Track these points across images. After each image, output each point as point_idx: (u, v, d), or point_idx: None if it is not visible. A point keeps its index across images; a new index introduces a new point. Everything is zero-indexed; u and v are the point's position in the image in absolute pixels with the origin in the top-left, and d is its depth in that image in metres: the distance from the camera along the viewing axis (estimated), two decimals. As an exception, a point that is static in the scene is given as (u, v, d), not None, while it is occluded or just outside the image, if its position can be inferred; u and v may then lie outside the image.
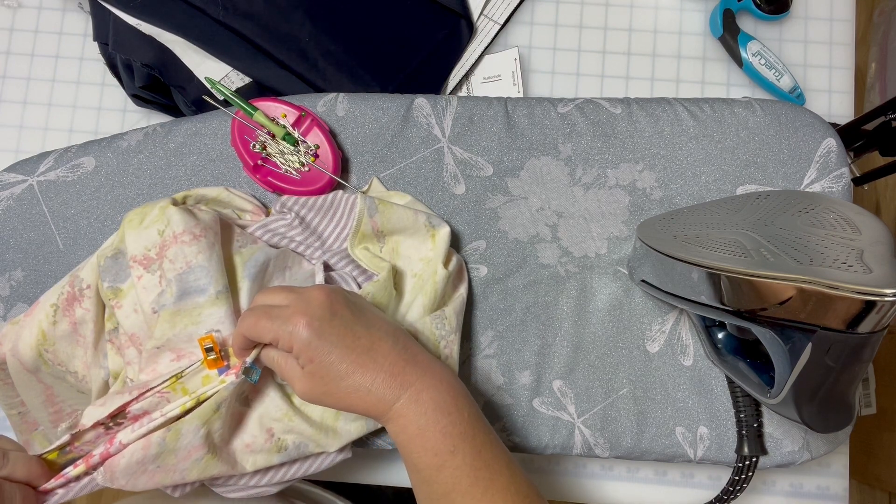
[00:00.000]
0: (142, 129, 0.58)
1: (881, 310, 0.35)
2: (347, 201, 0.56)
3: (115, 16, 0.61)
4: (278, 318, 0.40)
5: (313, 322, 0.40)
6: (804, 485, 0.59)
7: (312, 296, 0.41)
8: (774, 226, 0.44)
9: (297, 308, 0.40)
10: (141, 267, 0.47)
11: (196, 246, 0.47)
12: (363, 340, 0.41)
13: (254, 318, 0.41)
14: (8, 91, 0.67)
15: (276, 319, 0.40)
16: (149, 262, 0.47)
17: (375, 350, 0.41)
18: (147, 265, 0.47)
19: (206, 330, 0.46)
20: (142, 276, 0.47)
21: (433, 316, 0.51)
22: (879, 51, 1.19)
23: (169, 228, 0.47)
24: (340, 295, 0.42)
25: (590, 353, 0.55)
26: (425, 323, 0.50)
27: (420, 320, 0.50)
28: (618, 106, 0.57)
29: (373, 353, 0.41)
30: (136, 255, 0.47)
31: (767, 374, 0.46)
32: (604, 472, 0.60)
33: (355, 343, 0.40)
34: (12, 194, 0.57)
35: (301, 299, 0.41)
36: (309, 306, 0.40)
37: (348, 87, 0.61)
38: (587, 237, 0.56)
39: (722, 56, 0.66)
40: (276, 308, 0.41)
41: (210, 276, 0.47)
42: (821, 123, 0.56)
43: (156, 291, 0.47)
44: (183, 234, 0.47)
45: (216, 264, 0.47)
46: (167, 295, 0.46)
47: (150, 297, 0.47)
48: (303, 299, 0.41)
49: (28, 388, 0.51)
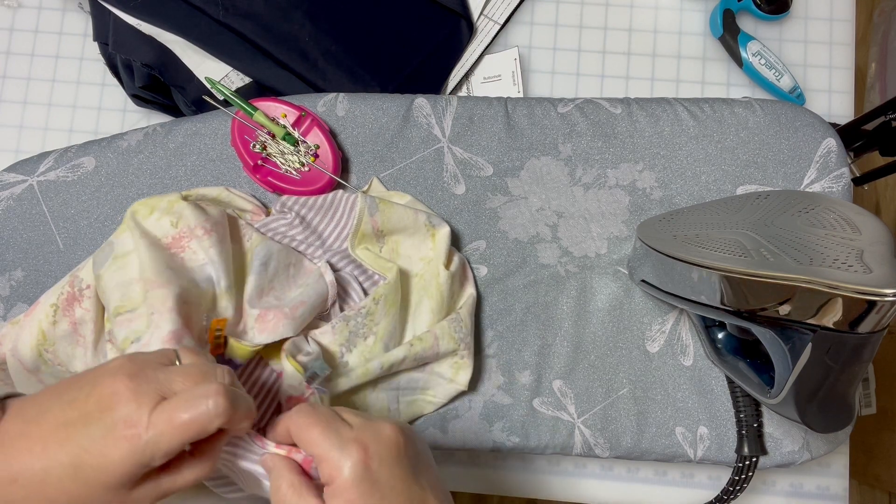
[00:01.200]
0: (142, 129, 0.58)
1: (881, 310, 0.35)
2: (347, 201, 0.56)
3: (115, 16, 0.61)
4: (335, 435, 0.33)
5: (372, 461, 0.33)
6: (804, 485, 0.59)
7: (383, 430, 0.34)
8: (774, 226, 0.44)
9: (362, 436, 0.33)
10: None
11: (209, 240, 0.47)
12: (416, 500, 0.34)
13: (307, 421, 0.34)
14: (8, 91, 0.67)
15: (332, 437, 0.33)
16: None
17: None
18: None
19: (218, 314, 0.47)
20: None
21: (450, 320, 0.51)
22: (879, 51, 1.19)
23: (182, 221, 0.48)
24: (412, 438, 0.35)
25: (590, 353, 0.55)
26: (444, 327, 0.51)
27: (438, 325, 0.51)
28: (618, 106, 0.57)
29: None
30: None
31: (767, 374, 0.46)
32: (604, 472, 0.60)
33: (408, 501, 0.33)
34: (12, 194, 0.57)
35: (369, 428, 0.34)
36: (375, 440, 0.33)
37: (348, 87, 0.61)
38: (587, 237, 0.56)
39: (722, 56, 0.66)
40: (337, 423, 0.34)
41: (221, 271, 0.47)
42: (821, 123, 0.56)
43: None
44: (196, 229, 0.47)
45: (226, 260, 0.48)
46: (186, 281, 0.46)
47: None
48: (372, 429, 0.34)
49: (28, 388, 0.51)
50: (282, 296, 0.50)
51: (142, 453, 0.30)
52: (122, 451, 0.30)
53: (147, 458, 0.30)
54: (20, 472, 0.30)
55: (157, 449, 0.30)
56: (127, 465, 0.30)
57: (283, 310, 0.47)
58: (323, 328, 0.49)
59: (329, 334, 0.49)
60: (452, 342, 0.51)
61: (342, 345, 0.49)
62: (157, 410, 0.31)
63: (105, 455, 0.30)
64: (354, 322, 0.49)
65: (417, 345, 0.49)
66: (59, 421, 0.31)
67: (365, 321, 0.50)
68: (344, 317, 0.49)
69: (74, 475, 0.30)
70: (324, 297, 0.49)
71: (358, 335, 0.50)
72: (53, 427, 0.31)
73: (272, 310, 0.48)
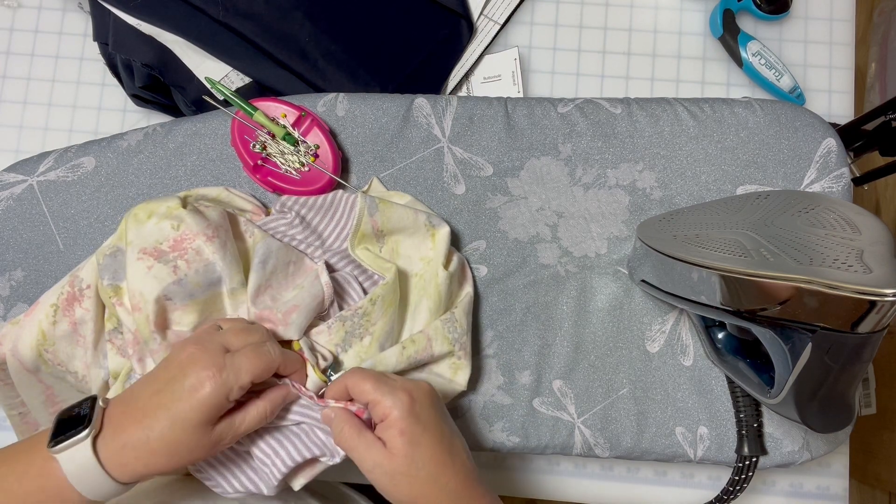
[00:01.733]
0: (142, 129, 0.58)
1: (881, 310, 0.35)
2: (347, 201, 0.56)
3: (115, 16, 0.60)
4: (386, 384, 0.41)
5: (415, 404, 0.41)
6: (804, 485, 0.59)
7: (419, 384, 0.43)
8: (774, 226, 0.44)
9: (406, 386, 0.42)
10: (151, 258, 0.47)
11: (211, 246, 0.48)
12: (447, 441, 0.41)
13: (362, 376, 0.42)
14: (8, 91, 0.67)
15: (384, 386, 0.41)
16: (160, 254, 0.47)
17: (455, 455, 0.41)
18: (158, 256, 0.47)
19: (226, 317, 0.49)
20: (153, 266, 0.47)
21: (443, 320, 0.51)
22: (879, 51, 1.19)
23: (184, 226, 0.48)
24: (437, 396, 0.44)
25: (590, 353, 0.55)
26: (437, 328, 0.50)
27: (431, 325, 0.50)
28: (618, 106, 0.57)
29: (454, 456, 0.41)
30: (147, 248, 0.47)
31: (767, 374, 0.46)
32: (604, 472, 0.60)
33: (442, 440, 0.41)
34: (12, 194, 0.57)
35: (410, 381, 0.43)
36: (416, 390, 0.42)
37: (348, 87, 0.61)
38: (587, 237, 0.56)
39: (722, 56, 0.66)
40: (385, 376, 0.43)
41: (227, 273, 0.48)
42: (821, 123, 0.56)
43: (169, 279, 0.47)
44: (198, 235, 0.47)
45: (231, 261, 0.48)
46: (191, 285, 0.47)
47: (162, 286, 0.47)
48: (412, 382, 0.43)
49: (28, 388, 0.51)
50: (277, 296, 0.50)
51: (223, 386, 0.39)
52: (207, 389, 0.39)
53: (227, 390, 0.39)
54: (127, 439, 0.39)
55: (235, 382, 0.40)
56: (213, 398, 0.39)
57: (276, 315, 0.48)
58: (319, 327, 0.49)
59: (325, 334, 0.49)
60: (447, 343, 0.50)
61: (338, 344, 0.49)
62: (228, 356, 0.41)
63: (194, 397, 0.39)
64: (351, 322, 0.49)
65: (410, 347, 0.49)
66: (151, 391, 0.40)
67: (361, 321, 0.50)
68: (340, 317, 0.49)
69: (171, 425, 0.39)
70: (319, 299, 0.49)
71: (354, 335, 0.49)
72: (148, 397, 0.40)
73: (266, 311, 0.48)
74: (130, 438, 0.39)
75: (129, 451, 0.39)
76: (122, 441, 0.39)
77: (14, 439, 0.57)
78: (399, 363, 0.49)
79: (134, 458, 0.39)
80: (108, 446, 0.38)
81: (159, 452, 0.39)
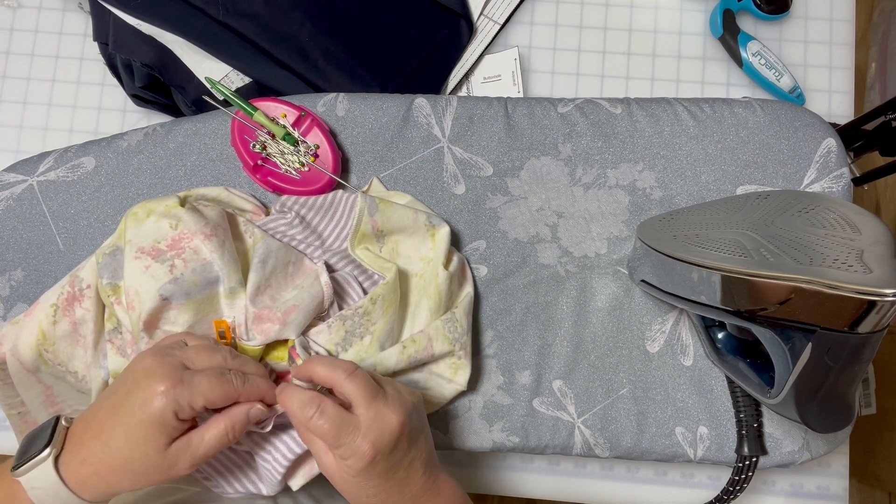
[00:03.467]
0: (142, 129, 0.58)
1: (881, 310, 0.35)
2: (347, 201, 0.56)
3: (115, 16, 0.60)
4: (348, 426, 0.39)
5: (376, 456, 0.39)
6: (804, 485, 0.59)
7: (388, 425, 0.40)
8: (774, 226, 0.44)
9: (369, 432, 0.39)
10: (149, 257, 0.47)
11: (209, 245, 0.48)
12: (401, 473, 0.41)
13: (317, 402, 0.40)
14: (8, 91, 0.67)
15: (345, 427, 0.39)
16: (158, 253, 0.47)
17: (408, 482, 0.41)
18: (156, 256, 0.47)
19: (221, 317, 0.49)
20: (150, 266, 0.47)
21: (443, 320, 0.51)
22: (879, 51, 1.19)
23: (182, 225, 0.48)
24: (409, 425, 0.41)
25: (590, 353, 0.55)
26: (437, 328, 0.50)
27: (432, 325, 0.50)
28: (618, 106, 0.57)
29: (404, 485, 0.41)
30: (145, 247, 0.47)
31: (767, 374, 0.46)
32: (604, 472, 0.60)
33: (394, 475, 0.40)
34: (12, 194, 0.57)
35: (376, 422, 0.39)
36: (380, 437, 0.39)
37: (348, 87, 0.61)
38: (587, 237, 0.56)
39: (722, 56, 0.66)
40: (348, 415, 0.40)
41: (224, 272, 0.48)
42: (821, 123, 0.56)
43: (166, 279, 0.47)
44: (196, 234, 0.48)
45: (229, 260, 0.48)
46: (188, 284, 0.47)
47: (159, 285, 0.47)
48: (377, 424, 0.39)
49: (28, 388, 0.51)
50: (277, 296, 0.50)
51: (174, 402, 0.38)
52: (157, 404, 0.38)
53: (177, 407, 0.38)
54: (87, 454, 0.38)
55: (187, 402, 0.38)
56: (162, 415, 0.38)
57: (276, 314, 0.48)
58: (319, 327, 0.49)
59: (325, 333, 0.49)
60: (447, 343, 0.50)
61: (338, 344, 0.49)
62: (187, 374, 0.40)
63: (146, 411, 0.38)
64: (351, 322, 0.49)
65: (411, 346, 0.49)
66: (110, 406, 0.39)
67: (362, 321, 0.50)
68: (341, 316, 0.49)
69: (126, 442, 0.38)
70: (319, 299, 0.49)
71: (354, 335, 0.50)
72: (106, 412, 0.39)
73: (266, 311, 0.48)
74: (90, 454, 0.38)
75: (89, 466, 0.38)
76: (82, 456, 0.38)
77: (14, 439, 0.58)
78: (399, 363, 0.49)
79: (94, 473, 0.38)
80: (69, 464, 0.38)
81: (119, 470, 0.38)
